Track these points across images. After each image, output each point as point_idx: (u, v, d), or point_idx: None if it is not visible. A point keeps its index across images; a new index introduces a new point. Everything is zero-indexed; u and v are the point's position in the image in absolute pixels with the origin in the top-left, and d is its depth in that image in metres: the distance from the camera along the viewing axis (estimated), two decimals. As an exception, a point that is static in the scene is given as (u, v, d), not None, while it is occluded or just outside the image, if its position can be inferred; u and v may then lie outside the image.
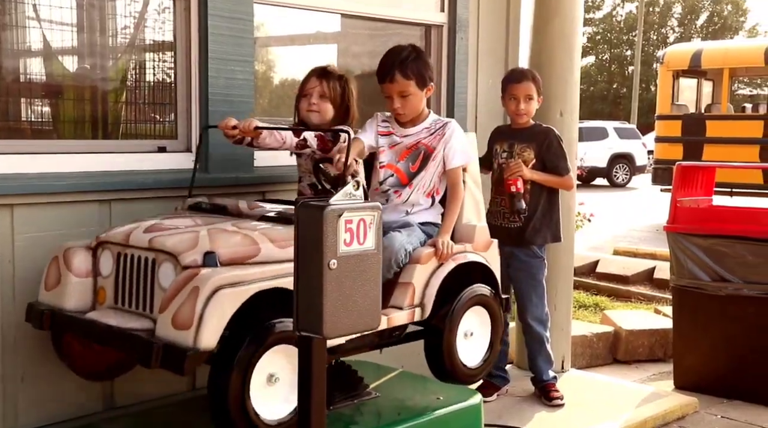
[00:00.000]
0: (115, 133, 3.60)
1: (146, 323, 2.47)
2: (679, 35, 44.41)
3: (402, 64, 3.11)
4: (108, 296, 2.65)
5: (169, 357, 2.31)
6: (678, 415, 4.41)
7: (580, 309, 7.01)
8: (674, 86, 14.44)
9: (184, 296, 2.34)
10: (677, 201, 4.92)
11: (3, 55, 3.33)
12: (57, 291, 2.68)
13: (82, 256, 2.69)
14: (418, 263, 2.93)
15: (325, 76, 3.24)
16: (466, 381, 3.16)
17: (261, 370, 2.42)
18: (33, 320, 2.71)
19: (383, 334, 2.92)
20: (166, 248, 2.49)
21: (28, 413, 2.94)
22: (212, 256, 2.43)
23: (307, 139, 3.04)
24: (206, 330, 2.29)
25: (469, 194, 3.24)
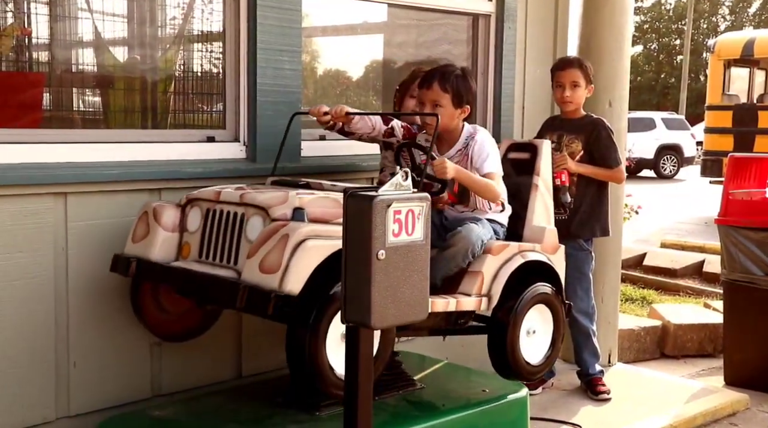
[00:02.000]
0: (164, 123, 3.65)
1: (231, 273, 2.57)
2: (731, 23, 43.45)
3: (444, 76, 3.10)
4: (192, 251, 2.76)
5: (255, 297, 2.40)
6: (729, 412, 4.33)
7: (627, 303, 6.92)
8: (725, 76, 14.12)
9: (274, 243, 2.44)
10: (729, 193, 4.82)
11: (56, 46, 3.39)
12: (144, 243, 2.79)
13: (171, 211, 2.82)
14: (489, 254, 2.97)
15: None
16: (528, 378, 3.16)
17: (336, 327, 2.49)
18: (119, 267, 2.82)
19: (450, 317, 2.97)
20: (257, 202, 2.61)
21: (79, 398, 3.00)
22: (301, 212, 2.54)
23: (394, 128, 3.18)
24: (292, 275, 2.39)
25: (540, 197, 3.31)
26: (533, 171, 3.36)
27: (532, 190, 3.32)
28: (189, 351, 3.19)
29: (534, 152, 3.40)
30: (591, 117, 4.14)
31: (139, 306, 2.97)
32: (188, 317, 3.07)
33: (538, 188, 3.32)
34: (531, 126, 4.46)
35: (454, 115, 3.13)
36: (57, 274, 2.91)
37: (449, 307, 2.83)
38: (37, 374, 2.89)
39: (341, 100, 5.14)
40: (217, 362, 3.33)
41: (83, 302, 2.97)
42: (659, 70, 44.41)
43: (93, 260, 2.96)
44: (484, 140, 3.14)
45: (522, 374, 3.08)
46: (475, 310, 2.98)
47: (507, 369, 3.06)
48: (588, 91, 4.10)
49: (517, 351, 3.01)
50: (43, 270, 2.88)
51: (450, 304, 2.83)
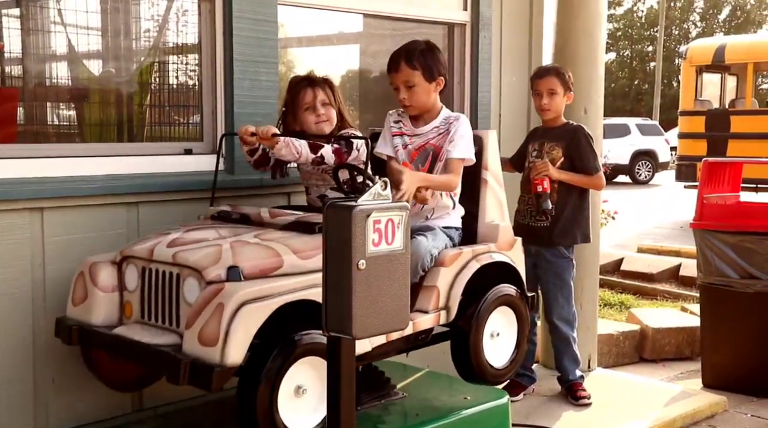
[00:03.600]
0: (141, 136, 3.63)
1: (173, 337, 2.48)
2: (702, 30, 43.99)
3: (408, 54, 3.07)
4: (134, 311, 2.66)
5: (197, 373, 2.32)
6: (707, 414, 4.37)
7: (605, 308, 6.97)
8: (697, 82, 14.30)
9: (210, 313, 2.34)
10: (704, 198, 4.88)
11: (29, 59, 3.37)
12: (84, 306, 2.69)
13: (107, 271, 2.70)
14: (442, 266, 2.92)
15: (316, 83, 3.17)
16: (494, 382, 3.15)
17: (289, 382, 2.43)
18: (62, 335, 2.73)
19: (409, 339, 2.89)
20: (189, 263, 2.49)
21: (58, 414, 2.96)
22: (236, 270, 2.44)
23: (324, 156, 2.97)
24: (232, 345, 2.30)
25: (491, 193, 3.20)
26: (480, 165, 3.19)
27: (482, 186, 3.18)
28: (169, 364, 3.16)
29: (480, 145, 3.19)
30: (571, 124, 4.18)
31: (94, 366, 2.84)
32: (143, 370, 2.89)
33: (487, 184, 3.18)
34: (508, 134, 4.49)
35: (430, 89, 3.09)
36: (34, 290, 2.88)
37: (406, 331, 2.71)
38: (15, 391, 2.86)
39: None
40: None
41: (60, 315, 2.93)
42: (633, 77, 44.83)
43: (70, 276, 2.92)
44: (466, 124, 3.11)
45: (487, 378, 3.06)
46: (433, 326, 2.93)
47: (471, 374, 3.04)
48: (567, 98, 4.14)
49: (480, 356, 2.99)
50: (20, 286, 2.85)
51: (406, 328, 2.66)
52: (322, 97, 3.14)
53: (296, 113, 3.16)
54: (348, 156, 3.02)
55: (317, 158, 2.97)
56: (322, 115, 3.14)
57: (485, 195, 3.19)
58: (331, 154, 2.99)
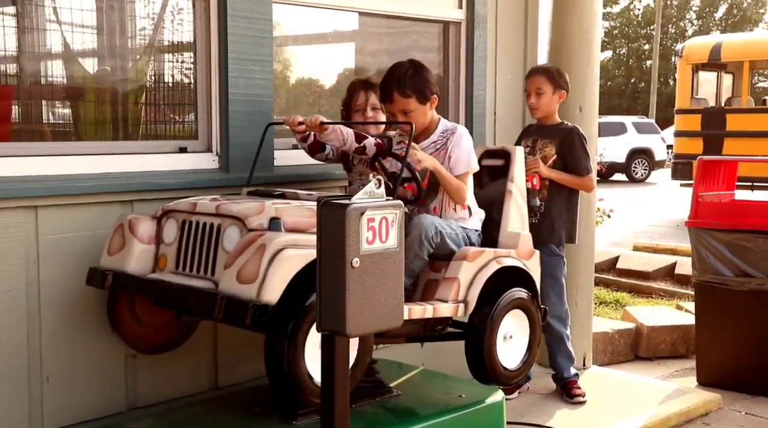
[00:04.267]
0: (136, 134, 3.62)
1: (208, 284, 2.56)
2: (698, 28, 44.04)
3: (399, 83, 3.11)
4: (169, 263, 2.75)
5: (232, 308, 2.40)
6: (702, 412, 4.38)
7: (600, 306, 6.97)
8: (693, 80, 14.31)
9: (251, 253, 2.44)
10: (699, 196, 4.89)
11: (24, 58, 3.36)
12: (120, 255, 2.78)
13: (146, 223, 2.82)
14: (465, 260, 2.98)
15: (371, 87, 3.39)
16: (505, 383, 3.18)
17: (314, 336, 2.47)
18: (95, 280, 2.80)
19: (427, 324, 2.98)
20: (233, 212, 2.60)
21: (53, 413, 2.97)
22: (278, 222, 2.54)
23: (366, 146, 3.17)
24: (269, 285, 2.39)
25: (515, 204, 3.33)
26: (507, 177, 3.38)
27: (506, 196, 3.34)
28: (164, 362, 3.17)
29: (507, 159, 3.42)
30: (566, 124, 4.19)
31: (116, 320, 2.95)
32: (166, 330, 3.05)
33: (512, 195, 3.34)
34: (503, 132, 4.50)
35: (426, 111, 3.18)
36: (29, 288, 2.88)
37: (426, 314, 2.84)
38: (10, 389, 2.86)
39: (314, 109, 5.14)
40: (193, 373, 3.32)
41: (56, 315, 2.94)
42: (629, 75, 44.87)
43: (65, 274, 2.93)
44: (464, 136, 3.18)
45: (499, 379, 3.10)
46: (452, 316, 2.99)
47: (484, 375, 3.07)
48: (559, 97, 4.14)
49: (494, 357, 3.02)
50: (15, 284, 2.85)
51: (427, 311, 2.84)
52: (374, 100, 3.38)
53: (349, 114, 3.46)
54: (388, 150, 3.20)
55: (360, 147, 3.17)
56: (369, 118, 3.39)
57: (509, 205, 3.33)
58: (373, 146, 3.17)
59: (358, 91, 3.42)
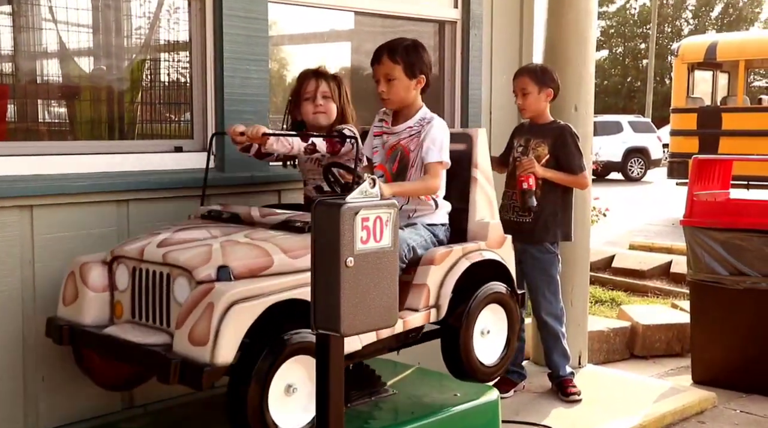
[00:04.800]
0: (131, 133, 3.62)
1: (164, 337, 2.48)
2: (694, 27, 44.06)
3: (392, 48, 3.07)
4: (125, 310, 2.66)
5: (187, 372, 2.32)
6: (697, 410, 4.40)
7: (596, 305, 6.99)
8: (689, 79, 14.33)
9: (200, 313, 2.35)
10: (694, 195, 4.90)
11: (20, 57, 3.36)
12: (75, 306, 2.69)
13: (98, 271, 2.70)
14: (432, 264, 2.91)
15: (322, 76, 3.26)
16: (484, 379, 3.15)
17: (279, 381, 2.43)
18: (53, 335, 2.73)
19: (399, 337, 2.89)
20: (179, 263, 2.49)
21: (48, 412, 2.96)
22: (226, 270, 2.44)
23: (316, 144, 3.02)
24: (222, 345, 2.31)
25: (481, 190, 3.19)
26: (470, 163, 3.18)
27: (472, 184, 3.17)
28: (160, 362, 3.17)
29: (470, 143, 3.20)
30: (558, 123, 4.19)
31: (84, 366, 2.84)
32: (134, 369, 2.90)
33: (477, 181, 3.17)
34: (498, 131, 4.50)
35: (410, 86, 3.08)
36: (24, 288, 2.88)
37: (396, 330, 2.74)
38: (5, 389, 2.86)
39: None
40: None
41: (51, 315, 2.93)
42: (625, 74, 44.89)
43: (60, 273, 2.92)
44: (438, 126, 3.07)
45: (477, 375, 3.07)
46: (424, 324, 2.93)
47: (461, 372, 3.04)
48: (546, 95, 4.14)
49: (470, 353, 2.99)
50: (10, 284, 2.85)
51: (396, 326, 2.72)
52: (324, 88, 3.24)
53: (298, 102, 3.27)
54: (341, 146, 3.07)
55: (309, 146, 3.01)
56: (320, 106, 3.23)
57: (475, 193, 3.17)
58: (323, 142, 3.03)
59: (309, 79, 3.24)
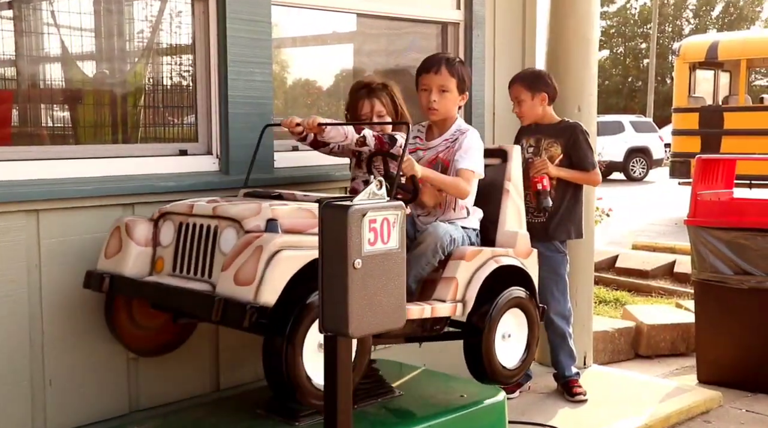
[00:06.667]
0: (135, 137, 3.63)
1: (206, 286, 2.55)
2: (695, 27, 44.07)
3: (450, 62, 3.22)
4: (166, 265, 2.74)
5: (230, 310, 2.39)
6: (702, 410, 4.39)
7: (600, 305, 6.99)
8: (691, 78, 14.32)
9: (248, 255, 2.43)
10: (697, 194, 4.90)
11: (23, 61, 3.36)
12: (117, 258, 2.77)
13: (143, 226, 2.80)
14: (463, 260, 2.98)
15: (374, 94, 3.33)
16: (504, 382, 3.18)
17: (312, 338, 2.49)
18: (92, 284, 2.79)
19: (425, 324, 2.98)
20: (230, 214, 2.60)
21: (55, 416, 2.97)
22: (274, 223, 2.52)
23: (366, 137, 3.13)
24: (267, 286, 2.38)
25: (512, 202, 3.32)
26: (504, 176, 3.37)
27: (504, 195, 3.33)
28: (166, 365, 3.18)
29: (504, 158, 3.42)
30: (567, 122, 4.20)
31: (114, 323, 2.95)
32: (164, 332, 3.05)
33: (509, 193, 3.33)
34: (502, 132, 4.50)
35: (457, 101, 3.24)
36: (30, 292, 2.88)
37: (424, 314, 2.84)
38: (13, 393, 2.86)
39: (312, 110, 5.14)
40: (194, 375, 3.32)
41: (58, 319, 2.94)
42: (626, 74, 44.89)
43: (67, 277, 2.93)
44: (473, 136, 3.22)
45: (498, 378, 3.10)
46: (450, 316, 3.00)
47: (483, 374, 3.07)
48: (541, 100, 4.14)
49: (492, 356, 3.03)
50: (16, 288, 2.85)
51: (425, 311, 2.84)
52: (379, 108, 3.32)
53: (355, 119, 3.36)
54: (389, 147, 3.17)
55: (360, 138, 3.12)
56: (377, 127, 3.30)
57: (506, 204, 3.32)
58: (372, 137, 3.13)
59: (362, 99, 3.35)
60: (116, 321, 2.95)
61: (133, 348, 3.03)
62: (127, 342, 3.00)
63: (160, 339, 3.06)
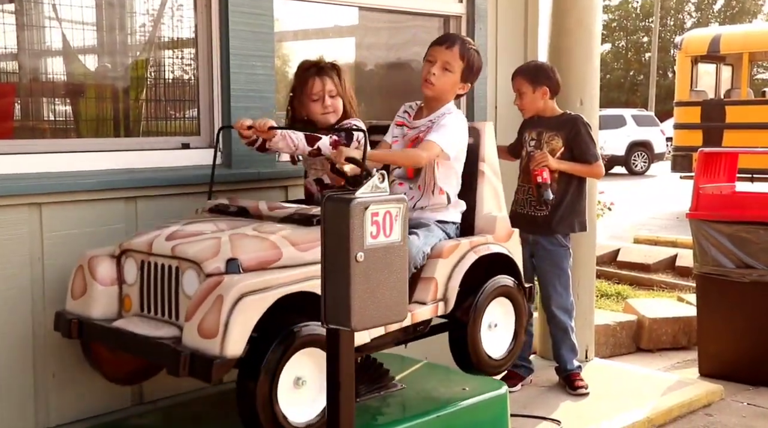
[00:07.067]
0: (138, 130, 3.63)
1: (173, 330, 2.48)
2: (697, 20, 43.99)
3: (464, 44, 3.09)
4: (134, 304, 2.66)
5: (197, 365, 2.32)
6: (704, 403, 4.40)
7: (602, 298, 6.99)
8: (693, 72, 14.30)
9: (209, 305, 2.35)
10: (700, 188, 4.90)
11: (24, 55, 3.36)
12: (83, 300, 2.70)
13: (106, 264, 2.70)
14: (440, 258, 2.92)
15: (325, 72, 3.17)
16: (491, 373, 3.16)
17: (288, 374, 2.44)
18: (62, 329, 2.73)
19: (407, 330, 2.91)
20: (188, 256, 2.49)
21: (59, 409, 2.97)
22: (235, 263, 2.44)
23: (321, 148, 2.99)
24: (232, 337, 2.31)
25: (488, 184, 3.18)
26: (477, 157, 3.16)
27: (479, 177, 3.15)
28: (169, 358, 3.18)
29: (477, 136, 3.17)
30: (569, 114, 4.19)
31: (93, 360, 2.85)
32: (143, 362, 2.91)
33: (485, 175, 3.15)
34: (504, 125, 4.50)
35: (456, 84, 3.09)
36: (33, 285, 2.89)
37: (404, 323, 2.71)
38: (15, 386, 2.87)
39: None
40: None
41: (59, 309, 2.94)
42: (628, 68, 44.82)
43: (69, 271, 2.92)
44: (453, 117, 3.04)
45: (485, 369, 3.08)
46: (432, 317, 2.94)
47: (469, 365, 3.05)
48: (542, 93, 4.12)
49: (478, 347, 3.00)
50: (20, 281, 2.85)
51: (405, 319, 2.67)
52: (330, 87, 3.16)
53: (303, 101, 3.19)
54: (348, 144, 3.02)
55: (314, 150, 3.00)
56: (328, 106, 3.17)
57: (482, 187, 3.17)
58: (328, 145, 3.00)
59: (312, 77, 3.15)
60: (93, 352, 2.84)
61: (111, 377, 2.89)
62: (105, 371, 2.87)
63: (140, 365, 2.92)
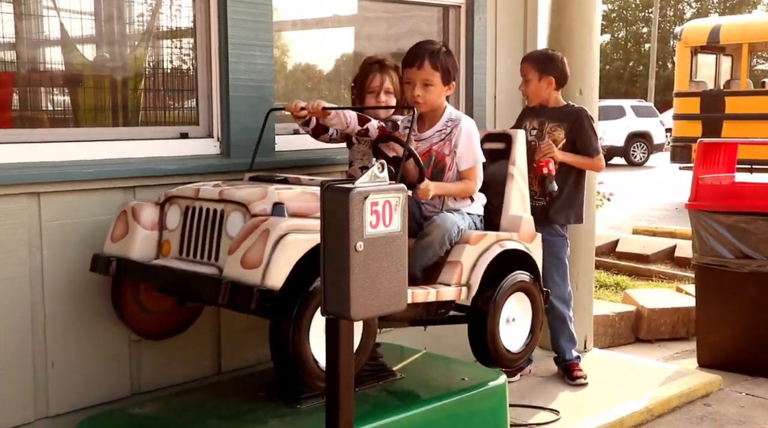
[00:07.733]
0: (136, 120, 3.62)
1: (212, 270, 2.57)
2: (696, 11, 43.87)
3: (433, 55, 3.14)
4: (173, 249, 2.76)
5: (237, 293, 2.40)
6: (702, 393, 4.41)
7: (601, 289, 7.00)
8: (692, 63, 14.28)
9: (255, 238, 2.44)
10: (699, 178, 4.90)
11: (22, 45, 3.35)
12: (123, 242, 2.79)
13: (150, 210, 2.82)
14: (468, 244, 2.99)
15: (385, 70, 3.38)
16: (508, 366, 3.20)
17: (319, 320, 2.46)
18: (99, 267, 2.80)
19: (430, 308, 2.99)
20: (236, 198, 2.61)
21: (58, 399, 2.98)
22: (281, 207, 2.55)
23: (369, 130, 3.17)
24: (274, 270, 2.39)
25: (516, 187, 3.31)
26: (508, 161, 3.36)
27: (508, 179, 3.32)
28: (168, 348, 3.19)
29: (509, 142, 3.40)
30: (573, 106, 4.19)
31: (121, 306, 2.97)
32: (169, 316, 3.07)
33: (513, 178, 3.32)
34: (503, 115, 4.50)
35: (443, 92, 3.19)
36: (32, 274, 2.89)
37: (429, 297, 2.85)
38: (15, 375, 2.87)
39: (313, 94, 5.13)
40: (196, 358, 3.33)
41: (60, 301, 2.95)
42: (627, 59, 44.72)
43: (68, 260, 2.94)
44: (469, 129, 3.18)
45: (502, 362, 3.11)
46: (455, 299, 3.01)
47: (487, 358, 3.08)
48: (548, 83, 4.12)
49: (497, 340, 3.04)
50: (18, 271, 2.85)
51: (430, 294, 2.85)
52: (387, 84, 3.38)
53: (362, 93, 3.42)
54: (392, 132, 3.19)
55: (362, 130, 3.18)
56: (382, 102, 3.36)
57: (511, 189, 3.30)
58: (376, 129, 3.18)
59: (374, 72, 3.39)
60: (123, 304, 2.96)
61: (139, 331, 3.04)
62: (134, 325, 3.01)
63: (166, 323, 3.08)
